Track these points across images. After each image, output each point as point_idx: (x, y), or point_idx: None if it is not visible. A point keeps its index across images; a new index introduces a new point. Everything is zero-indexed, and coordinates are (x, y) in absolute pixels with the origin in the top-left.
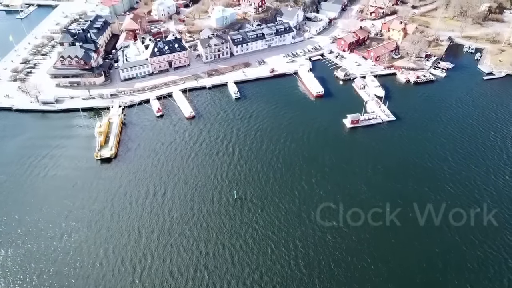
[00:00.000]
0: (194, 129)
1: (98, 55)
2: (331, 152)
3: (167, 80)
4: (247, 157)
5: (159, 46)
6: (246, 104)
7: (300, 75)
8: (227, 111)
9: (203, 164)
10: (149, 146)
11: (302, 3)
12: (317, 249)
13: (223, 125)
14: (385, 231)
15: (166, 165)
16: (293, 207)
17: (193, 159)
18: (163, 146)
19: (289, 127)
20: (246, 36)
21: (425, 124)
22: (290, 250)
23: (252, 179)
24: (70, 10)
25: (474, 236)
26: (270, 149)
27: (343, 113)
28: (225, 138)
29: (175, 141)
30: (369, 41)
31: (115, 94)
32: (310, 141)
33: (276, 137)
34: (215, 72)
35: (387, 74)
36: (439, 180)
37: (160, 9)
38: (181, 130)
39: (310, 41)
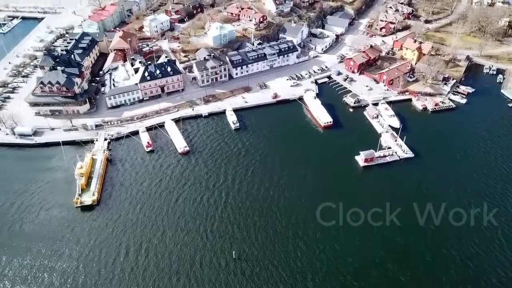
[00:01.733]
0: (187, 167)
1: (82, 79)
2: (341, 199)
3: (159, 108)
4: (242, 204)
5: (150, 70)
6: (246, 136)
7: (306, 102)
8: (224, 145)
9: (191, 213)
10: (135, 188)
11: (307, 18)
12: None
13: (219, 162)
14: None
15: (149, 214)
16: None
17: (180, 206)
18: (149, 189)
19: (293, 166)
20: (246, 56)
21: (447, 162)
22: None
23: (246, 234)
24: (56, 23)
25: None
26: (269, 195)
27: (354, 148)
28: (219, 179)
29: (161, 183)
30: (380, 61)
31: (101, 124)
32: (316, 184)
33: (277, 178)
34: (212, 98)
35: (402, 100)
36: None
37: (152, 26)
38: (172, 168)
39: (316, 61)
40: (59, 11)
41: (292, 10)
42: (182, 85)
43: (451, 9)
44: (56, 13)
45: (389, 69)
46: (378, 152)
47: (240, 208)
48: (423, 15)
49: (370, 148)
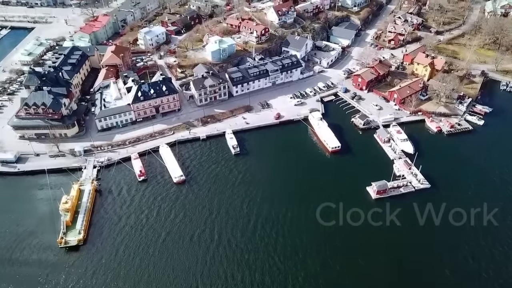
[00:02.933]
0: (182, 199)
1: (71, 99)
2: (352, 242)
3: (153, 131)
4: (236, 247)
5: (143, 90)
6: (246, 163)
7: (311, 123)
8: (223, 173)
9: (179, 255)
10: (124, 224)
11: (311, 30)
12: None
13: (216, 193)
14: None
15: (135, 256)
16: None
17: (168, 246)
18: (140, 225)
19: (296, 199)
20: (247, 73)
21: (466, 194)
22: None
23: (241, 281)
24: (47, 33)
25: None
26: (268, 236)
27: (365, 177)
28: (212, 213)
29: (151, 218)
30: (390, 77)
31: (90, 150)
32: (322, 221)
33: (277, 212)
34: (211, 118)
35: (414, 121)
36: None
37: (147, 39)
38: (165, 201)
39: (321, 76)
40: (50, 20)
41: (296, 21)
42: (178, 105)
43: (463, 19)
44: (47, 22)
45: (400, 87)
46: (392, 183)
47: (234, 251)
48: (434, 26)
49: (382, 177)
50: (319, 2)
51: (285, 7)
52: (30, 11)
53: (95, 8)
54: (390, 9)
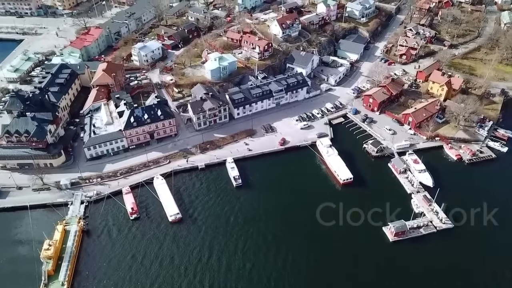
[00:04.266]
0: (176, 242)
1: (57, 125)
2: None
3: (147, 160)
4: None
5: (136, 115)
6: (248, 198)
7: (320, 151)
8: (223, 210)
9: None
10: (113, 272)
11: (317, 44)
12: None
13: (215, 235)
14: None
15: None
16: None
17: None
18: (128, 274)
19: (301, 241)
20: (249, 94)
21: (494, 235)
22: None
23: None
24: (36, 46)
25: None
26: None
27: (380, 214)
28: (209, 261)
29: (141, 266)
30: (403, 97)
31: (78, 182)
32: (331, 269)
33: (282, 258)
34: (210, 145)
35: (432, 147)
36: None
37: (141, 55)
38: (160, 243)
39: (329, 95)
40: (40, 31)
41: (300, 34)
42: (174, 130)
43: (478, 31)
44: (36, 34)
45: (416, 109)
46: (411, 222)
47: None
48: (447, 39)
49: (399, 214)
50: (325, 13)
51: (289, 19)
52: (19, 21)
53: (88, 18)
54: (400, 19)
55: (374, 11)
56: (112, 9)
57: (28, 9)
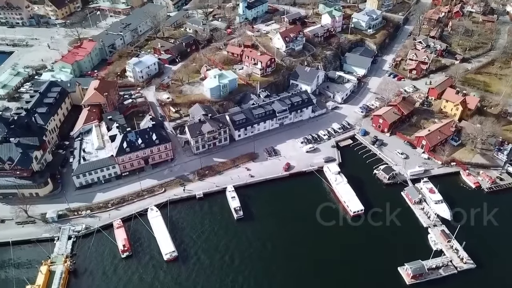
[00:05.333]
0: (171, 284)
1: (44, 151)
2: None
3: (140, 188)
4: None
5: (129, 139)
6: (250, 232)
7: (328, 178)
8: (222, 248)
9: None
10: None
11: (322, 58)
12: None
13: (213, 276)
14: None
15: None
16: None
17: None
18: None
19: (308, 280)
20: (251, 114)
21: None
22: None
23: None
24: (26, 59)
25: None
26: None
27: (395, 251)
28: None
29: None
30: (415, 117)
31: (65, 214)
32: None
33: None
34: (209, 171)
35: (447, 173)
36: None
37: (136, 71)
38: (152, 286)
39: (335, 114)
40: (32, 43)
41: (305, 47)
42: (171, 154)
43: (491, 43)
44: (27, 46)
45: (429, 131)
46: (429, 262)
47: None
48: (459, 52)
49: (416, 251)
50: (330, 25)
51: (293, 32)
52: (10, 32)
53: (82, 28)
54: (408, 30)
55: (381, 22)
56: (107, 18)
57: (20, 19)
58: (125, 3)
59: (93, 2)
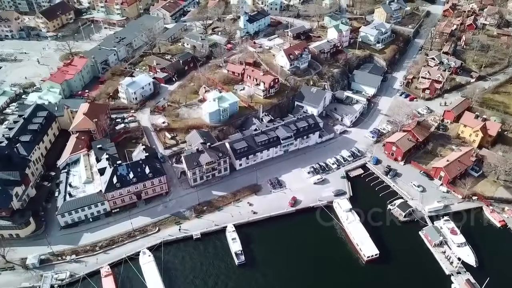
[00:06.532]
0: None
1: (26, 185)
2: None
3: (132, 228)
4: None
5: (120, 174)
6: (253, 280)
7: (338, 216)
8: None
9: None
10: None
11: (329, 77)
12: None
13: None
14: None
15: None
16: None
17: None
18: None
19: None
20: (253, 141)
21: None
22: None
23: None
24: (14, 75)
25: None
26: None
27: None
28: None
29: None
30: (431, 143)
31: (48, 259)
32: None
33: None
34: (207, 206)
35: (469, 209)
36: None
37: (130, 92)
38: None
39: (344, 139)
40: (21, 57)
41: (310, 65)
42: (165, 187)
43: (508, 59)
44: (16, 60)
45: (448, 161)
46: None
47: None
48: (475, 69)
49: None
50: (336, 40)
51: (297, 49)
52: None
53: (75, 41)
54: (419, 44)
55: (390, 35)
56: (101, 30)
57: (9, 31)
58: (120, 14)
59: (87, 13)
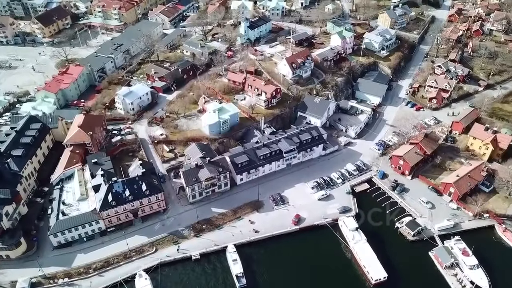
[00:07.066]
0: None
1: (18, 203)
2: None
3: (128, 248)
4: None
5: (115, 191)
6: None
7: (344, 235)
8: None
9: None
10: None
11: (333, 86)
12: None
13: None
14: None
15: None
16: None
17: None
18: None
19: None
20: (255, 155)
21: None
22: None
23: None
24: (8, 84)
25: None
26: None
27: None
28: None
29: None
30: (439, 157)
31: (39, 283)
32: None
33: None
34: (207, 225)
35: (480, 228)
36: None
37: (127, 102)
38: None
39: (348, 152)
40: (15, 64)
41: (313, 73)
42: (163, 204)
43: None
44: (11, 67)
45: (458, 176)
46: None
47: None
48: (483, 77)
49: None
50: (340, 47)
51: (300, 57)
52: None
53: (71, 47)
54: (424, 50)
55: (395, 42)
56: (98, 36)
57: (4, 37)
58: (118, 20)
59: (84, 18)
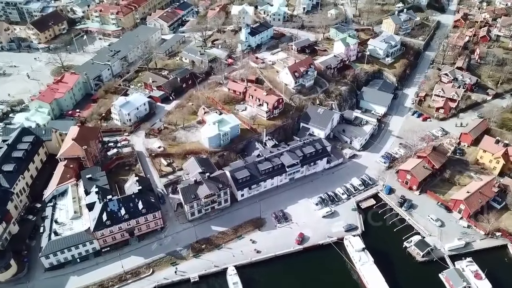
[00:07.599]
0: None
1: (8, 222)
2: None
3: (123, 270)
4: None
5: (110, 210)
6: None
7: (350, 256)
8: None
9: None
10: None
11: (337, 95)
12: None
13: None
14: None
15: None
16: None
17: None
18: None
19: None
20: (256, 170)
21: None
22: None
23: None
24: (2, 92)
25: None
26: None
27: None
28: None
29: None
30: (448, 171)
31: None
32: None
33: None
34: (206, 244)
35: (492, 247)
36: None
37: (123, 113)
38: None
39: (353, 165)
40: (10, 71)
41: (316, 82)
42: (161, 222)
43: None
44: (5, 75)
45: (469, 193)
46: None
47: None
48: (490, 85)
49: None
50: (344, 54)
51: (303, 65)
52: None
53: (67, 53)
54: (429, 57)
55: (400, 48)
56: (95, 42)
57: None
58: (116, 25)
59: (81, 23)
